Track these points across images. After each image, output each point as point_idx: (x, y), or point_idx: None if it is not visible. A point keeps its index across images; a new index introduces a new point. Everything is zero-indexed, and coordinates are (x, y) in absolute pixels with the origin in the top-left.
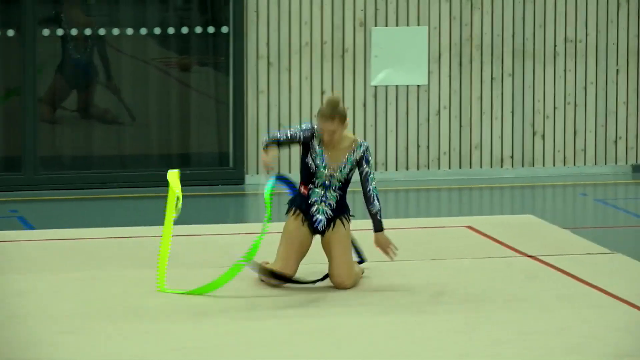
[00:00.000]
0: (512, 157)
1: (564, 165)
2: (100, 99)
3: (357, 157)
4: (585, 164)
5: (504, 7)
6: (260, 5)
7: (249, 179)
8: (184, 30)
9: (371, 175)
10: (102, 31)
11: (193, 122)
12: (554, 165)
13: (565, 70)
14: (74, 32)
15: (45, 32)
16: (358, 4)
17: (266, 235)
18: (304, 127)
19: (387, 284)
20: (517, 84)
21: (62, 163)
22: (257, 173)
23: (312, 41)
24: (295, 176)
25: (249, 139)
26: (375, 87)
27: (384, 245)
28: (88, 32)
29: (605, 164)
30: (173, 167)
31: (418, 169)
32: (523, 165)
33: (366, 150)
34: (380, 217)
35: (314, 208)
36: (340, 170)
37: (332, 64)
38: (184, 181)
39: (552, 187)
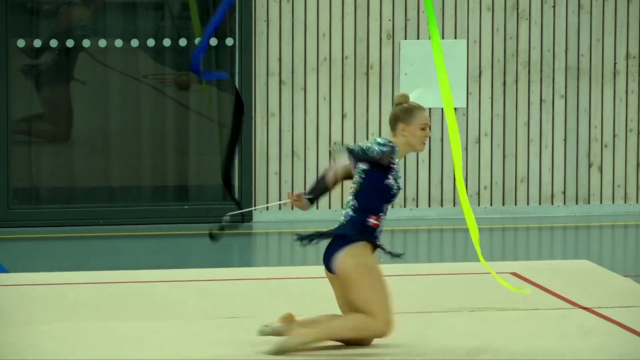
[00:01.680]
0: (564, 192)
1: (625, 202)
2: (84, 122)
3: None
4: None
5: (555, 17)
6: (271, 15)
7: (258, 215)
8: (182, 42)
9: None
10: (86, 43)
11: (192, 150)
12: (613, 202)
13: (626, 92)
14: (53, 43)
15: (20, 42)
16: (385, 13)
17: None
18: (381, 144)
19: (418, 340)
20: (570, 108)
21: (38, 196)
22: (267, 209)
23: (332, 56)
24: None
25: (258, 169)
26: None
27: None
28: (70, 43)
29: None
30: (168, 202)
31: (454, 205)
32: (577, 202)
33: None
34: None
35: (381, 238)
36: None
37: (354, 82)
38: (181, 217)
39: (611, 228)
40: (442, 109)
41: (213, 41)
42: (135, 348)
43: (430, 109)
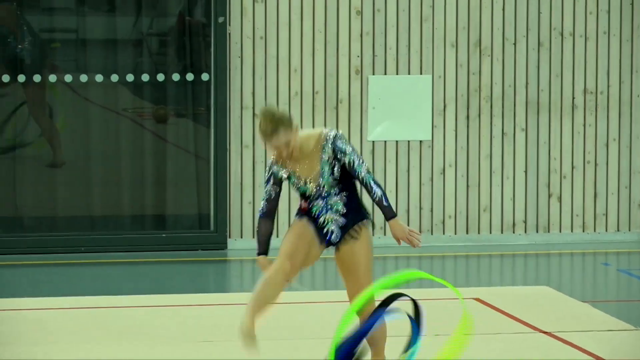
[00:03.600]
0: (525, 221)
1: (583, 231)
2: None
3: (330, 154)
4: (606, 230)
5: (516, 54)
6: (244, 51)
7: (232, 243)
8: (160, 77)
9: (357, 162)
10: (68, 78)
11: (170, 180)
12: (572, 230)
13: (584, 125)
14: (37, 78)
15: (5, 77)
16: (354, 50)
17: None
18: (266, 177)
19: None
20: (531, 140)
21: (22, 224)
22: (241, 237)
23: (303, 91)
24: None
25: (233, 199)
26: (373, 142)
27: (402, 234)
28: (53, 78)
29: (629, 230)
30: (147, 230)
31: (420, 233)
32: (537, 231)
33: (335, 138)
34: (388, 202)
35: (321, 220)
36: (323, 177)
37: (324, 116)
38: (160, 245)
39: (570, 255)
40: (409, 141)
41: (189, 76)
42: None
43: (397, 141)
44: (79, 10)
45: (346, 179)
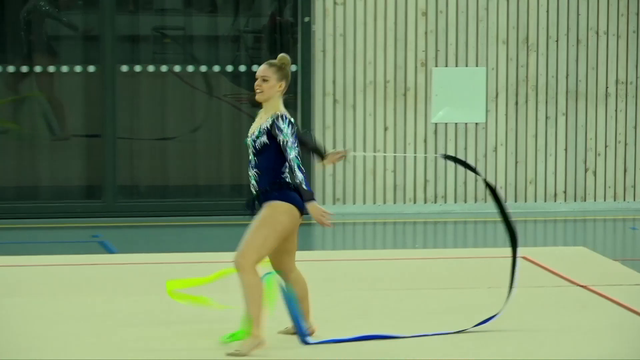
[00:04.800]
0: (565, 192)
1: (615, 200)
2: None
3: (268, 125)
4: (634, 199)
5: (558, 50)
6: (327, 46)
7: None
8: (254, 68)
9: (289, 143)
10: (177, 68)
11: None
12: (604, 200)
13: (616, 111)
14: (150, 68)
15: (124, 68)
16: (420, 45)
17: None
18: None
19: (445, 307)
20: (570, 123)
21: (139, 192)
22: (323, 204)
23: (376, 80)
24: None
25: (316, 172)
26: (436, 124)
27: (317, 215)
28: (164, 69)
29: None
30: (243, 197)
31: (476, 202)
32: (575, 200)
33: (277, 118)
34: (308, 187)
35: (252, 189)
36: (252, 137)
37: (394, 102)
38: (254, 211)
39: (603, 221)
40: (466, 123)
41: None
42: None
43: (456, 123)
44: (186, 11)
45: (265, 160)
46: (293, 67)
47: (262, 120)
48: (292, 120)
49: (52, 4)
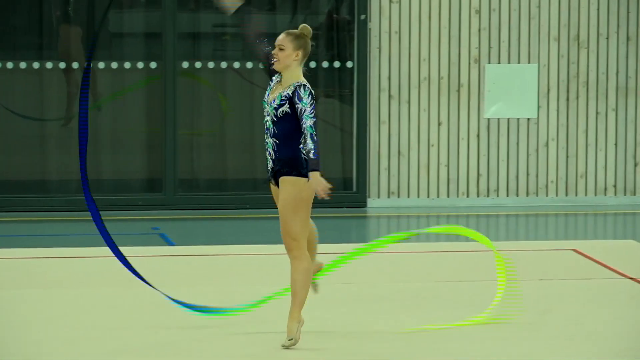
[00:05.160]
0: (614, 185)
1: None
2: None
3: (289, 93)
4: None
5: (608, 47)
6: (382, 43)
7: (371, 202)
8: (312, 64)
9: (307, 112)
10: (236, 64)
11: (320, 149)
12: None
13: None
14: (210, 65)
15: (185, 64)
16: (473, 42)
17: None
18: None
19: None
20: (620, 119)
21: (198, 185)
22: (378, 197)
23: (430, 76)
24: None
25: (371, 165)
26: (488, 119)
27: (315, 184)
28: (224, 65)
29: None
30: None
31: (527, 195)
32: (625, 194)
33: (299, 87)
34: (316, 156)
35: (266, 154)
36: (272, 105)
37: (448, 97)
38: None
39: None
40: (518, 119)
41: (336, 64)
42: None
43: (508, 119)
44: (245, 9)
45: (285, 128)
46: (349, 64)
47: (282, 88)
48: (313, 91)
49: (115, 2)
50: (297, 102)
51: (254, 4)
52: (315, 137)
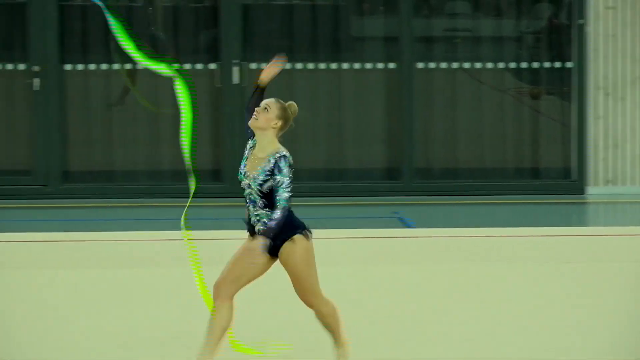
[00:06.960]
0: None
1: None
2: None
3: (270, 167)
4: None
5: None
6: (598, 45)
7: (589, 189)
8: (535, 64)
9: (283, 185)
10: (466, 65)
11: (542, 142)
12: None
13: None
14: (443, 65)
15: (420, 65)
16: None
17: None
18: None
19: (546, 285)
20: None
21: (433, 173)
22: (596, 185)
23: None
24: None
25: (589, 156)
26: None
27: (256, 244)
28: (456, 66)
29: None
30: (525, 179)
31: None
32: None
33: (280, 158)
34: (275, 226)
35: (257, 229)
36: (255, 180)
37: None
38: (533, 192)
39: None
40: None
41: (557, 64)
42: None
43: None
44: (474, 14)
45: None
46: (569, 64)
47: (260, 161)
48: (292, 161)
49: (356, 7)
50: (277, 173)
51: (482, 10)
52: (285, 212)
